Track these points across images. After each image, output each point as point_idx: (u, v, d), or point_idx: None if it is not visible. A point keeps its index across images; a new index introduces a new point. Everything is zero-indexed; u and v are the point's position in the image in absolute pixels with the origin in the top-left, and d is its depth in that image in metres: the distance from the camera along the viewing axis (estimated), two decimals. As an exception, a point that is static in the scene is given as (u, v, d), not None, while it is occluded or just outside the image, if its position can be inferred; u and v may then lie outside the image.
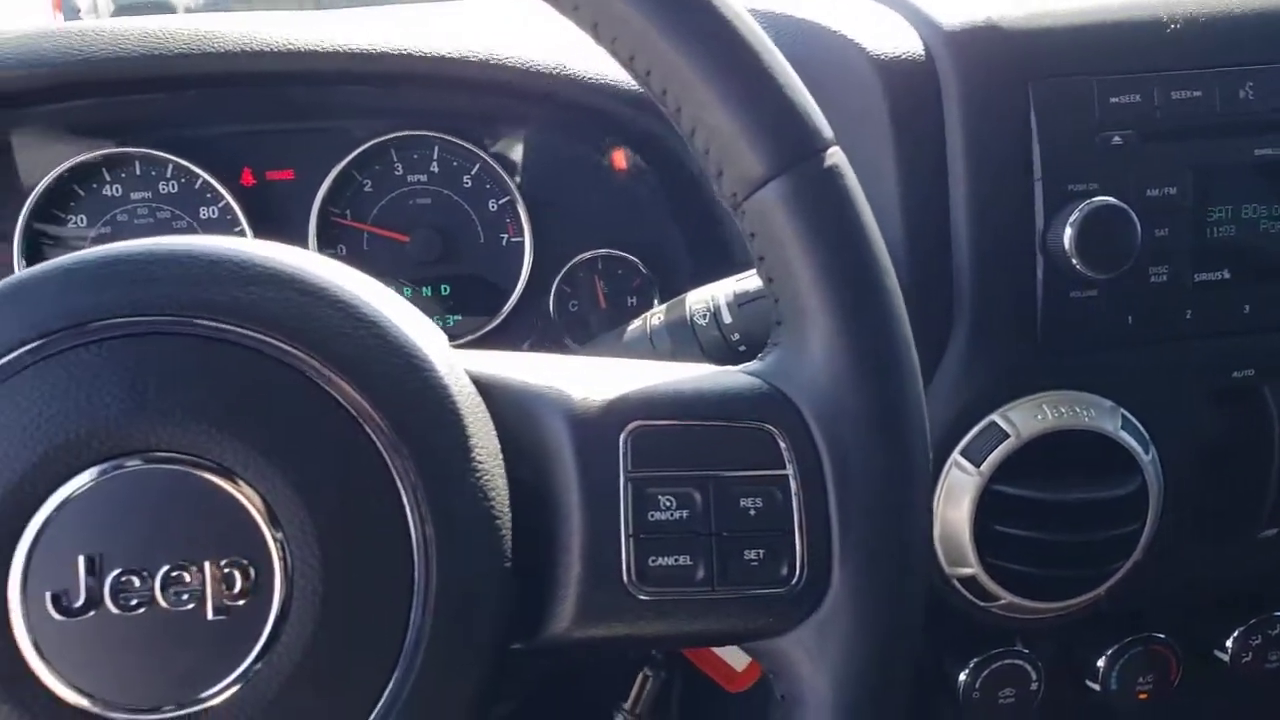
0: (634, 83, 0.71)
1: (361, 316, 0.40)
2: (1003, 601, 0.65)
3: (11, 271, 0.74)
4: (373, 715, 0.38)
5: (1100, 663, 0.75)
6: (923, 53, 0.63)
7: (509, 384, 0.44)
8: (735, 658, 0.70)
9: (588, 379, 0.44)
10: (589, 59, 0.75)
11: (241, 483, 0.38)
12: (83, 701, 0.36)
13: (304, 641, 0.38)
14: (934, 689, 0.74)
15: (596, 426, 0.42)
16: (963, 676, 0.72)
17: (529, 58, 0.72)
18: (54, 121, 0.75)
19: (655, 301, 0.82)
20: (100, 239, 0.76)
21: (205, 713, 0.37)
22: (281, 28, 0.73)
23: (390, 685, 0.38)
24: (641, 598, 0.42)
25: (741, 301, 0.59)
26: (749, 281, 0.59)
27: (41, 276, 0.39)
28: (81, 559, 0.37)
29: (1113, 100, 0.62)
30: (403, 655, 0.39)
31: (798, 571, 0.42)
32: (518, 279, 0.80)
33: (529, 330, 0.81)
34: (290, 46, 0.71)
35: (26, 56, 0.71)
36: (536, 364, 0.45)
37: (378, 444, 0.39)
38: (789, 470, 0.42)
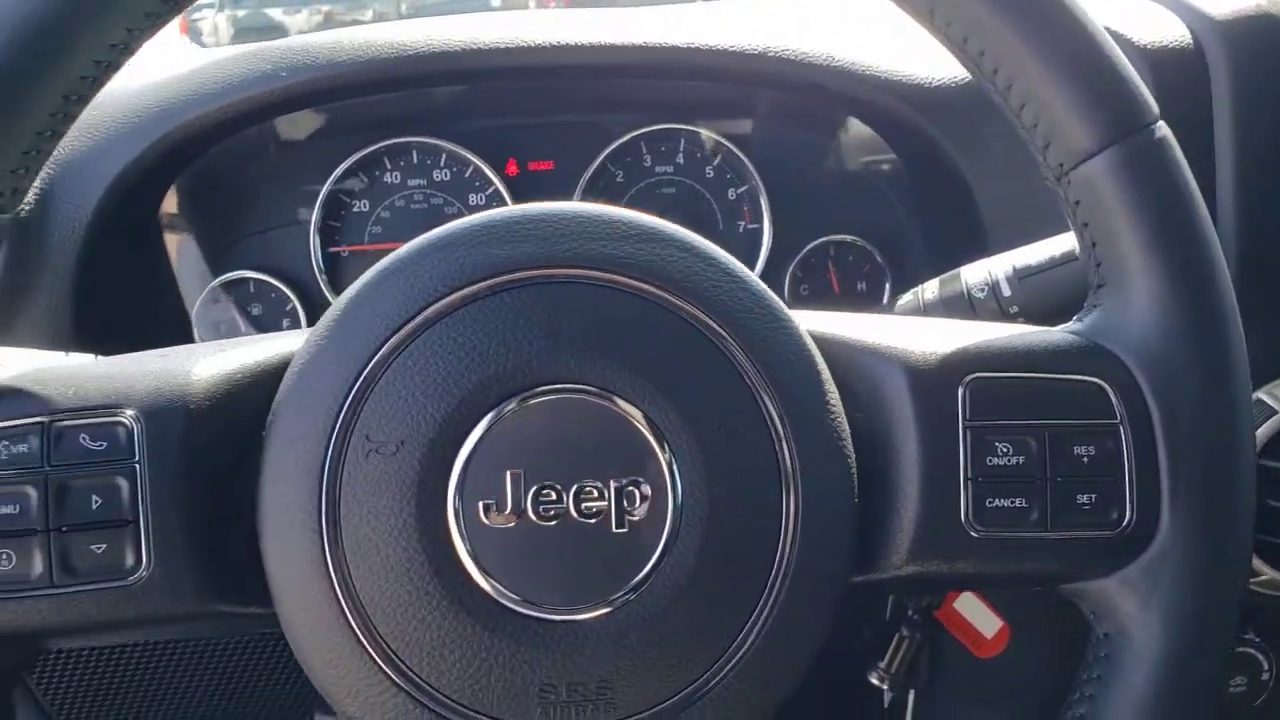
0: (876, 67, 0.76)
1: (730, 272, 0.45)
2: (1264, 578, 0.66)
3: (308, 250, 0.83)
4: (740, 635, 0.43)
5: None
6: (1191, 42, 0.65)
7: (844, 340, 0.48)
8: (985, 624, 0.72)
9: (922, 336, 0.48)
10: (833, 47, 0.78)
11: (640, 412, 0.43)
12: (508, 599, 0.42)
13: (691, 558, 0.42)
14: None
15: (936, 378, 0.46)
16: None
17: (788, 48, 0.76)
18: (341, 118, 0.83)
19: (887, 287, 0.85)
20: (380, 222, 0.84)
21: (605, 618, 0.42)
22: (548, 27, 0.79)
23: (757, 607, 0.43)
24: (976, 535, 0.45)
25: (1022, 275, 0.62)
26: (1028, 256, 0.62)
27: (462, 231, 0.45)
28: (508, 474, 0.42)
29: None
30: (770, 579, 0.43)
31: (1128, 515, 0.45)
32: (754, 265, 0.84)
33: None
34: (560, 43, 0.77)
35: (313, 61, 0.78)
36: (866, 322, 0.49)
37: (749, 382, 0.44)
38: (1119, 420, 0.45)
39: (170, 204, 0.82)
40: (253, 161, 0.84)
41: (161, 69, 0.77)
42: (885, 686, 0.72)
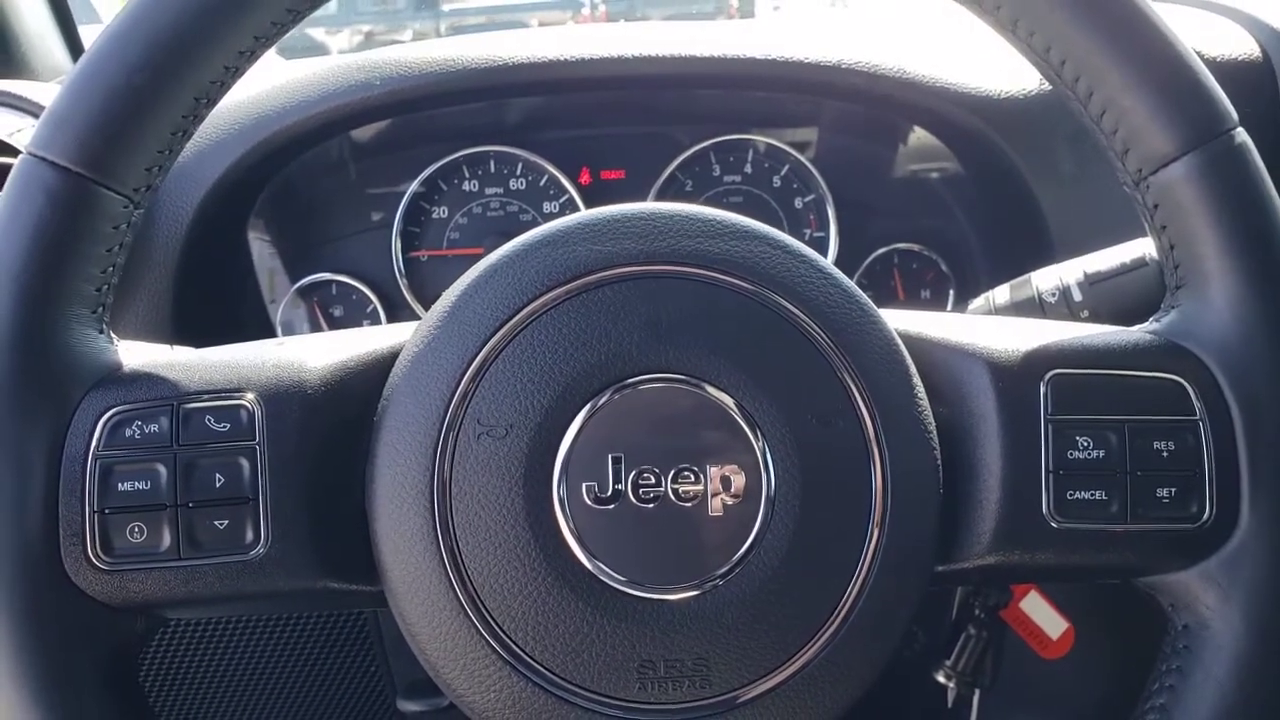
0: (945, 79, 0.78)
1: (821, 269, 0.47)
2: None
3: (388, 253, 0.86)
4: (830, 618, 0.44)
5: None
6: (1259, 54, 0.66)
7: (929, 337, 0.50)
8: (1051, 625, 0.73)
9: (1004, 334, 0.49)
10: (903, 59, 0.80)
11: (734, 401, 0.45)
12: (609, 578, 0.44)
13: (784, 542, 0.44)
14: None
15: (1018, 374, 0.48)
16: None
17: (860, 60, 0.79)
18: (421, 127, 0.86)
19: (951, 294, 0.87)
20: (458, 228, 0.87)
21: (702, 597, 0.44)
22: (624, 40, 0.82)
23: (846, 592, 0.45)
24: (1056, 526, 0.47)
25: (1093, 281, 0.63)
26: (1099, 262, 0.64)
27: (567, 229, 0.47)
28: (610, 458, 0.44)
29: None
30: (859, 565, 0.45)
31: (1208, 509, 0.46)
32: (819, 273, 0.86)
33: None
34: (638, 55, 0.80)
35: (403, 72, 0.81)
36: (949, 321, 0.51)
37: (840, 374, 0.46)
38: (1199, 416, 0.46)
39: (257, 207, 0.86)
40: (337, 168, 0.87)
41: (254, 79, 0.81)
42: (952, 685, 0.73)
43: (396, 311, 0.87)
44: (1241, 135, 0.47)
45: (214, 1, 0.45)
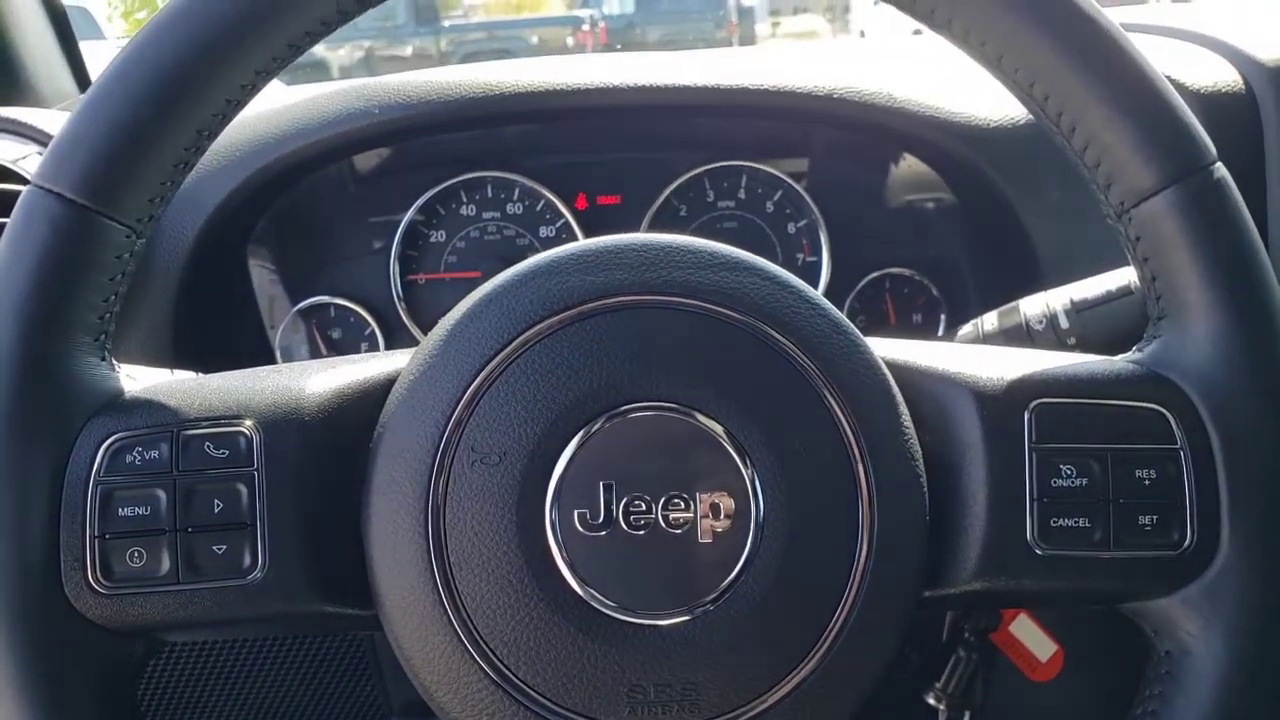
0: (935, 107, 0.79)
1: (809, 300, 0.48)
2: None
3: (386, 277, 0.87)
4: (818, 643, 0.45)
5: None
6: (1242, 86, 0.68)
7: (915, 365, 0.51)
8: (1040, 648, 0.74)
9: (989, 363, 0.50)
10: (893, 87, 0.82)
11: (724, 430, 0.46)
12: (600, 604, 0.45)
13: (772, 568, 0.45)
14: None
15: (1003, 403, 0.49)
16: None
17: (851, 88, 0.80)
18: (420, 153, 0.88)
19: (943, 319, 0.88)
20: (455, 252, 0.88)
21: (692, 623, 0.45)
22: (621, 69, 0.83)
23: (834, 618, 0.45)
24: (1040, 553, 0.47)
25: (1080, 309, 0.64)
26: (1085, 290, 0.65)
27: (560, 259, 0.48)
28: (602, 485, 0.45)
29: None
30: (846, 591, 0.45)
31: (1189, 536, 0.47)
32: (813, 297, 0.87)
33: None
34: (634, 84, 0.81)
35: (404, 99, 0.82)
36: (935, 350, 0.52)
37: (827, 403, 0.46)
38: (1180, 445, 0.47)
39: (256, 232, 0.87)
40: (335, 192, 0.89)
41: (255, 102, 0.82)
42: (942, 707, 0.73)
43: (394, 334, 0.88)
44: (1220, 170, 0.48)
45: (215, 38, 0.46)
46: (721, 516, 0.45)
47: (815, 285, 0.87)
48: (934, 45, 0.96)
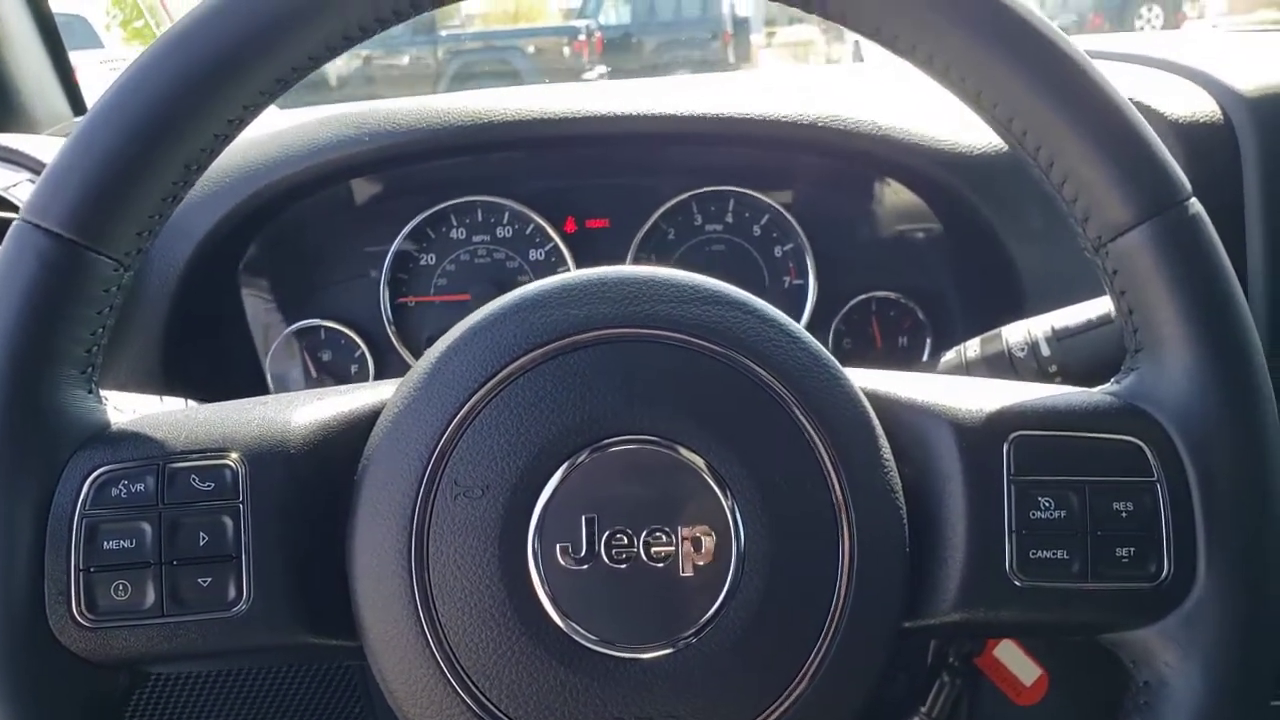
0: (919, 135, 0.80)
1: (789, 333, 0.49)
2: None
3: (376, 300, 0.87)
4: (799, 675, 0.45)
5: None
6: (1221, 116, 0.68)
7: (895, 397, 0.51)
8: (1025, 672, 0.75)
9: (968, 395, 0.51)
10: (878, 115, 0.83)
11: (705, 463, 0.46)
12: (582, 637, 0.45)
13: (753, 601, 0.45)
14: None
15: (981, 435, 0.49)
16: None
17: (835, 116, 0.81)
18: (411, 178, 0.88)
19: (928, 342, 0.88)
20: (445, 275, 0.89)
21: (673, 656, 0.45)
22: (609, 97, 0.84)
23: (814, 650, 0.46)
24: (1019, 585, 0.48)
25: (1061, 337, 0.65)
26: (1067, 318, 0.66)
27: (543, 293, 0.49)
28: (583, 519, 0.46)
29: None
30: (826, 623, 0.46)
31: (1166, 568, 0.47)
32: (799, 320, 0.88)
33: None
34: (622, 113, 0.82)
35: (394, 127, 0.83)
36: (915, 381, 0.53)
37: (808, 436, 0.47)
38: (1157, 478, 0.48)
39: (246, 257, 0.87)
40: (326, 217, 0.89)
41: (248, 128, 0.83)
42: (927, 731, 0.74)
43: (384, 357, 0.88)
44: (1195, 206, 0.49)
45: (203, 74, 0.46)
46: (703, 550, 0.46)
47: (801, 309, 0.88)
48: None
